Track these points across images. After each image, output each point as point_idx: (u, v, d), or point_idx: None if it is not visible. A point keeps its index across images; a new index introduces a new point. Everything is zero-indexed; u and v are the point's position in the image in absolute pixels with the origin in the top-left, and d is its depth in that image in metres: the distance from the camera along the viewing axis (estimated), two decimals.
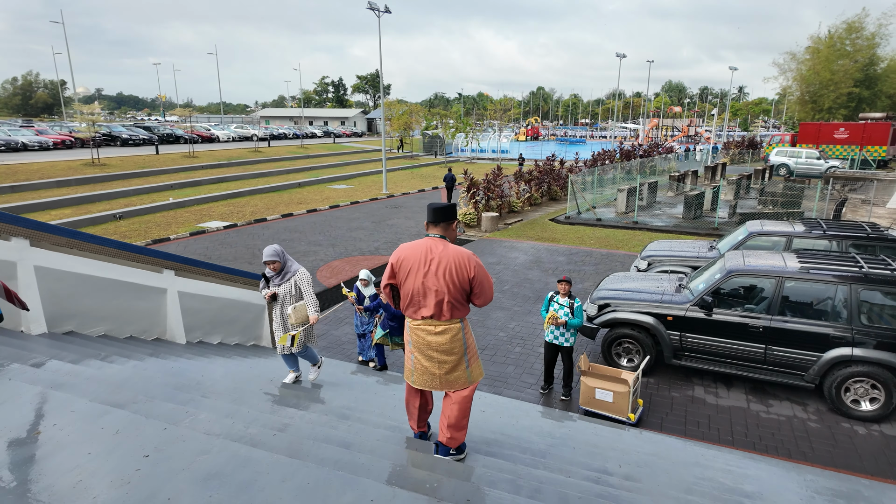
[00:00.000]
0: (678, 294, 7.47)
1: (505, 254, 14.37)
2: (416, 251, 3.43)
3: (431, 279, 3.36)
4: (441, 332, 3.44)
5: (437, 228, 3.48)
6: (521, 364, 8.02)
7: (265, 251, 5.16)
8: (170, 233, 16.05)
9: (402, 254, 3.49)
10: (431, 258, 3.37)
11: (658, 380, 7.48)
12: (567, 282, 6.63)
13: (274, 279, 5.27)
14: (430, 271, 3.36)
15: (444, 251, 3.39)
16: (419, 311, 3.46)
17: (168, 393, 3.68)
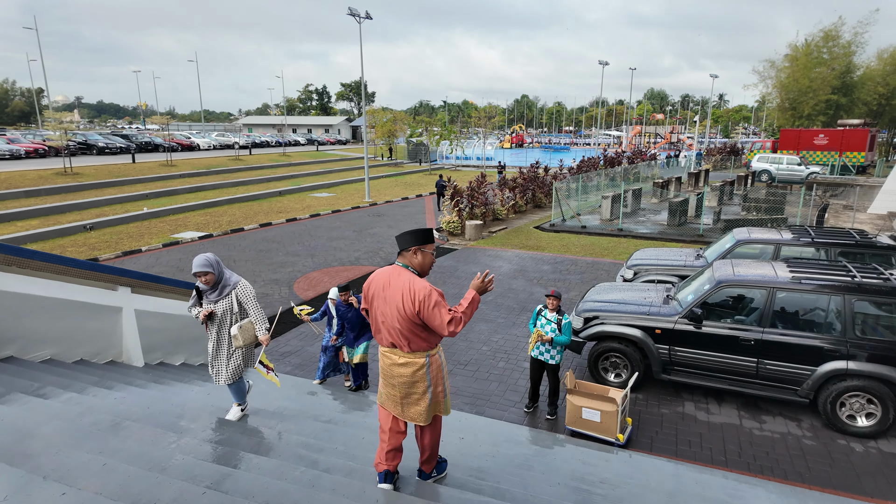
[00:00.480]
0: (666, 306, 7.19)
1: (489, 263, 14.04)
2: (381, 278, 3.47)
3: (386, 308, 3.38)
4: (403, 364, 3.41)
5: (401, 256, 3.48)
6: (505, 380, 7.66)
7: (195, 261, 4.37)
8: (142, 244, 15.46)
9: (371, 279, 3.55)
10: (388, 286, 3.39)
11: (647, 395, 7.17)
12: (556, 297, 6.30)
13: (208, 294, 4.52)
14: (385, 299, 3.39)
15: (397, 280, 3.37)
16: (382, 337, 3.50)
17: (89, 437, 3.22)
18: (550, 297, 6.34)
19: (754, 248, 9.16)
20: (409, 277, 3.33)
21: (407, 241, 3.41)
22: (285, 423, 4.77)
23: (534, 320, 6.57)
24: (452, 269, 13.40)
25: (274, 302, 10.96)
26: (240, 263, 13.75)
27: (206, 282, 4.45)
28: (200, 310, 4.52)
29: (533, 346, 6.43)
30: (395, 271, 3.42)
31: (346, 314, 6.79)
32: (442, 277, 12.70)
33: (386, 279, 3.42)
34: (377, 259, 14.40)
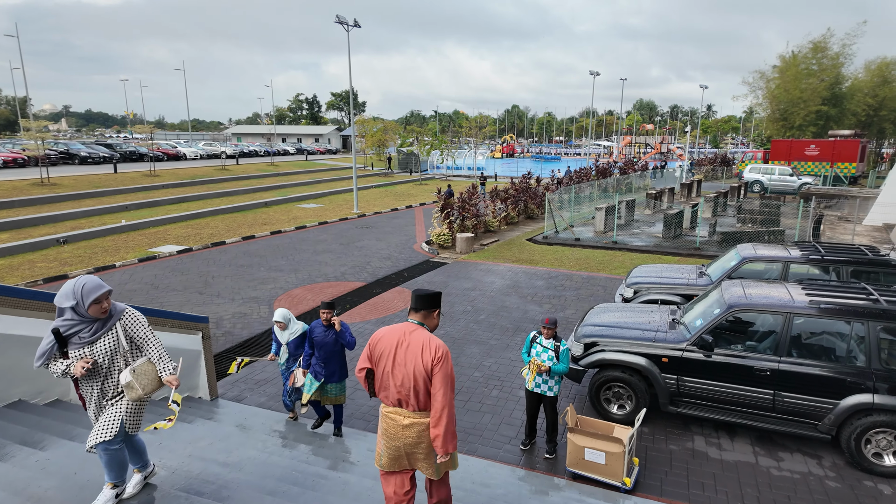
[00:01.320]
0: (673, 331, 6.64)
1: (481, 278, 13.47)
2: (393, 333, 3.44)
3: (399, 364, 3.35)
4: (409, 424, 3.39)
5: (418, 315, 3.49)
6: (499, 412, 7.06)
7: (86, 286, 3.30)
8: (117, 259, 14.73)
9: (379, 335, 3.50)
10: (403, 342, 3.37)
11: (653, 429, 6.60)
12: (552, 325, 5.74)
13: (81, 335, 3.31)
14: (399, 356, 3.35)
15: (414, 336, 3.38)
16: (389, 395, 3.43)
17: None
18: (546, 326, 5.78)
19: (761, 266, 8.69)
20: (426, 334, 3.40)
21: (430, 302, 3.47)
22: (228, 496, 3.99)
23: (527, 348, 6.00)
24: (442, 285, 12.81)
25: (252, 323, 10.31)
26: (218, 280, 13.07)
27: (103, 311, 3.37)
28: (69, 362, 3.29)
29: (532, 379, 5.83)
30: (410, 328, 3.43)
31: (325, 339, 5.79)
32: None
33: (399, 336, 3.40)
34: (364, 274, 13.78)
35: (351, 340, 5.83)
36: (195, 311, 10.83)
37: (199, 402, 6.77)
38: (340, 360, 5.97)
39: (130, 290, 12.19)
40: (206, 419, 5.75)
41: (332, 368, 5.87)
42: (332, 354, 5.86)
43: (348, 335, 5.83)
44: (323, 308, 5.79)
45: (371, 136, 45.57)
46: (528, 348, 5.98)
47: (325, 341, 5.80)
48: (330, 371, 5.86)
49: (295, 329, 6.26)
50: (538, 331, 6.00)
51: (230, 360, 6.88)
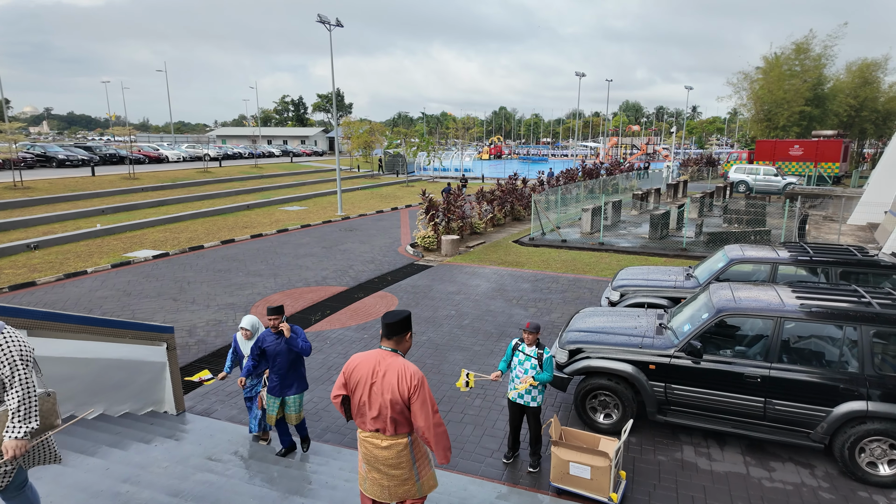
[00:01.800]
0: (660, 337, 6.40)
1: (466, 281, 13.19)
2: (367, 362, 3.45)
3: (376, 392, 3.37)
4: (387, 447, 3.43)
5: (391, 342, 3.48)
6: (482, 423, 6.77)
7: None
8: (89, 265, 14.23)
9: (353, 363, 3.51)
10: (378, 371, 3.39)
11: (640, 439, 6.35)
12: (534, 330, 5.45)
13: None
14: (376, 384, 3.37)
15: (390, 364, 3.39)
16: (366, 422, 3.47)
17: None
18: (528, 331, 5.48)
19: (749, 268, 8.50)
20: (402, 362, 3.40)
21: (399, 328, 3.44)
22: None
23: (508, 357, 5.70)
24: (427, 289, 12.51)
25: (227, 331, 9.92)
26: (194, 286, 12.65)
27: None
28: None
29: (522, 389, 5.49)
30: (383, 355, 3.44)
31: (278, 348, 5.27)
32: (415, 298, 11.80)
33: (373, 364, 3.42)
34: (346, 279, 13.44)
35: (305, 346, 5.29)
36: (168, 319, 10.43)
37: (163, 417, 6.40)
38: (298, 370, 5.46)
39: (101, 297, 11.73)
40: (166, 437, 5.39)
41: (289, 380, 5.36)
42: (288, 365, 5.34)
43: (300, 340, 5.29)
44: (269, 314, 5.28)
45: (357, 137, 45.14)
46: (510, 357, 5.69)
47: (278, 350, 5.31)
48: (287, 383, 5.35)
49: None
50: (520, 338, 5.72)
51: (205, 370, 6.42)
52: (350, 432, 6.54)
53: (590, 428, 6.50)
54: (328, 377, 8.03)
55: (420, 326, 10.10)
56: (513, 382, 5.61)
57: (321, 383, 7.83)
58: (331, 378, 8.00)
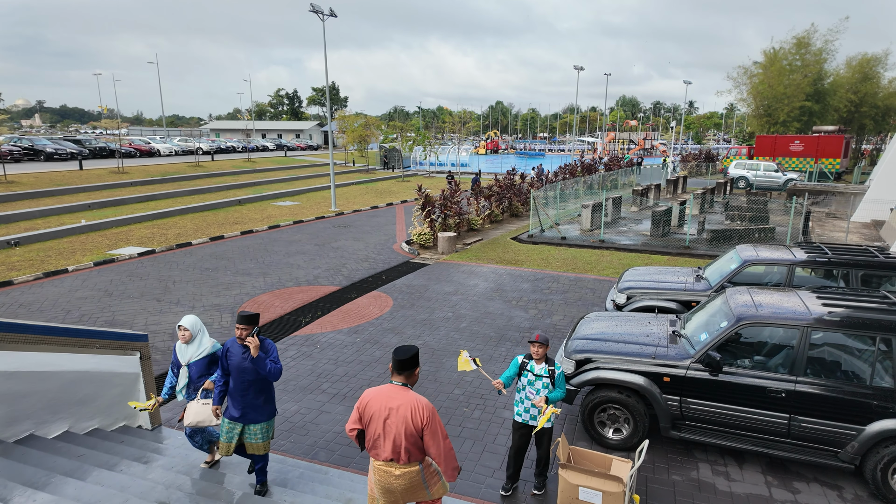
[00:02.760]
0: (674, 346, 5.94)
1: (463, 281, 12.71)
2: (380, 397, 3.67)
3: (391, 425, 3.60)
4: (400, 475, 3.67)
5: (401, 377, 3.71)
6: (481, 437, 6.30)
7: None
8: (71, 262, 13.66)
9: (366, 398, 3.73)
10: (392, 405, 3.61)
11: (652, 456, 5.90)
12: (542, 343, 4.92)
13: None
14: (390, 418, 3.60)
15: (403, 399, 3.62)
16: (381, 453, 3.67)
17: None
18: (536, 343, 4.96)
19: (761, 269, 8.06)
20: (413, 396, 3.65)
21: (410, 364, 3.69)
22: None
23: (513, 373, 5.03)
24: (422, 289, 12.02)
25: (213, 335, 9.40)
26: (179, 285, 12.11)
27: None
28: None
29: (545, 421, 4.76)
30: (396, 390, 3.67)
31: (244, 363, 4.43)
32: (411, 299, 11.32)
33: (386, 399, 3.64)
34: (339, 278, 12.93)
35: (274, 369, 4.42)
36: (150, 321, 9.90)
37: (136, 433, 5.89)
38: (267, 392, 4.60)
39: (80, 297, 11.19)
40: (134, 460, 4.89)
41: (255, 403, 4.50)
42: (251, 385, 4.49)
43: (269, 362, 4.41)
44: (239, 322, 4.43)
45: (352, 131, 44.50)
46: (514, 374, 5.03)
47: (244, 367, 4.46)
48: (253, 406, 4.50)
49: (203, 347, 4.89)
50: (526, 354, 5.11)
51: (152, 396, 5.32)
52: (339, 448, 6.06)
53: (598, 443, 6.04)
54: (317, 386, 7.54)
55: (416, 330, 9.62)
56: (521, 404, 5.04)
57: (309, 392, 7.35)
58: (320, 387, 7.51)
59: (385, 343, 9.01)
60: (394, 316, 10.32)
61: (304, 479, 4.97)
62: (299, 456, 5.88)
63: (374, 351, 8.70)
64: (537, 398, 4.87)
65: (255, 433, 4.59)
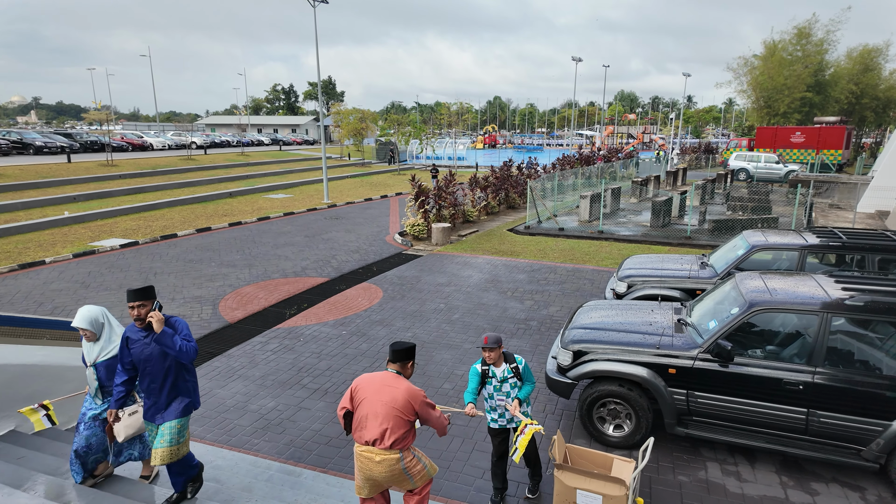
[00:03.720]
0: (680, 335, 5.46)
1: (457, 272, 12.23)
2: (374, 381, 3.72)
3: (380, 404, 3.61)
4: (379, 461, 3.61)
5: (396, 365, 3.79)
6: (471, 434, 5.83)
7: None
8: (50, 254, 13.14)
9: (360, 381, 3.77)
10: (385, 388, 3.66)
11: (656, 454, 5.43)
12: (494, 345, 4.30)
13: None
14: (380, 400, 3.62)
15: (397, 384, 3.68)
16: (364, 434, 3.64)
17: None
18: (485, 349, 4.31)
19: (768, 256, 7.59)
20: (407, 383, 3.70)
21: (405, 355, 3.79)
22: None
23: (475, 386, 4.42)
24: (414, 280, 11.54)
25: (191, 326, 8.91)
26: (161, 277, 11.61)
27: None
28: None
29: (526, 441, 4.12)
30: (390, 376, 3.73)
31: (144, 350, 3.73)
32: (401, 290, 10.83)
33: (380, 383, 3.69)
34: (327, 269, 12.44)
35: (185, 347, 3.70)
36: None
37: None
38: (179, 383, 3.86)
39: (55, 290, 10.68)
40: None
41: (165, 398, 3.80)
42: (163, 375, 3.77)
43: (177, 339, 3.68)
44: (131, 300, 3.66)
45: (347, 125, 43.92)
46: (478, 386, 4.44)
47: (148, 354, 3.72)
48: (162, 402, 3.80)
49: (113, 344, 4.07)
50: (480, 361, 4.48)
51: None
52: (317, 447, 5.59)
53: (597, 441, 5.58)
54: (297, 380, 7.06)
55: (405, 321, 9.15)
56: (494, 411, 4.51)
57: (288, 387, 6.87)
58: (300, 381, 7.03)
59: (372, 336, 8.53)
60: (383, 308, 9.84)
61: (272, 483, 4.49)
62: (272, 456, 5.41)
63: (361, 344, 8.22)
64: (510, 403, 4.36)
65: (166, 433, 3.80)
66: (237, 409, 6.39)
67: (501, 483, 4.70)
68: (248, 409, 6.36)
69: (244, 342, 8.31)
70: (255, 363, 7.58)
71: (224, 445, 5.60)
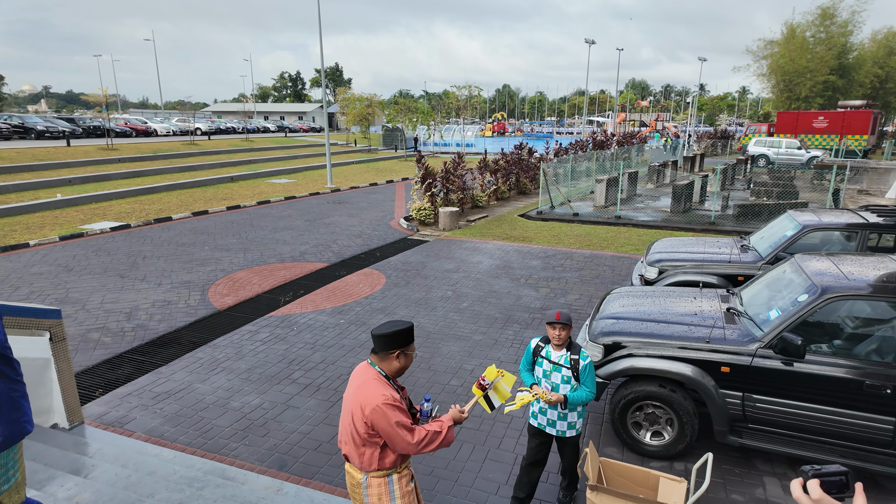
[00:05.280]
0: (733, 327, 4.61)
1: (465, 257, 11.40)
2: (354, 378, 2.80)
3: (345, 413, 2.78)
4: (356, 484, 2.79)
5: (375, 357, 2.76)
6: (483, 440, 5.03)
7: None
8: (37, 236, 12.45)
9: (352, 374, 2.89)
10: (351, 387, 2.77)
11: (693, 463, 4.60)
12: (564, 323, 3.61)
13: None
14: (348, 401, 2.76)
15: (360, 384, 2.70)
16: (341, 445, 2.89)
17: None
18: (555, 324, 3.63)
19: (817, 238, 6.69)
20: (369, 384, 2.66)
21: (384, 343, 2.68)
22: None
23: (528, 363, 3.87)
24: (420, 266, 10.72)
25: (175, 313, 8.17)
26: (149, 261, 10.87)
27: None
28: None
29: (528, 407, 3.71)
30: (360, 370, 2.80)
31: None
32: (406, 276, 10.03)
33: (355, 379, 2.78)
34: (327, 254, 11.65)
35: None
36: (107, 299, 8.68)
37: (50, 434, 4.67)
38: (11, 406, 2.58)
39: (35, 273, 9.98)
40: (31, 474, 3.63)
41: None
42: None
43: None
44: None
45: (352, 108, 43.00)
46: (530, 364, 3.86)
47: None
48: None
49: None
50: (542, 337, 3.86)
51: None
52: (305, 453, 4.82)
53: (631, 450, 4.76)
54: (287, 374, 6.29)
55: (409, 310, 8.34)
56: (538, 402, 3.79)
57: (276, 382, 6.10)
58: (290, 376, 6.26)
59: (373, 325, 7.73)
60: (385, 295, 9.04)
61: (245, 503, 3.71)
62: (251, 464, 4.65)
63: (359, 334, 7.43)
64: (549, 392, 3.59)
65: None
66: (217, 406, 5.62)
67: (526, 494, 3.92)
68: (230, 408, 5.59)
69: (232, 331, 7.54)
70: (241, 354, 6.82)
71: (197, 451, 4.84)
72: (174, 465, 4.26)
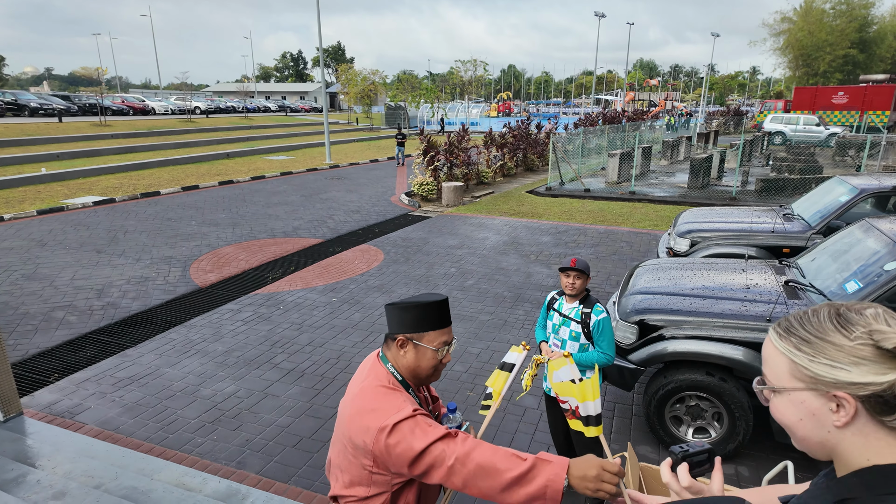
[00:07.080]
0: (797, 302, 3.79)
1: (471, 233, 10.59)
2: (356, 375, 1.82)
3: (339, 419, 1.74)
4: None
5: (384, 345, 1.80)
6: (492, 435, 4.27)
7: None
8: (14, 210, 11.71)
9: None
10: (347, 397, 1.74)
11: (754, 469, 3.84)
12: (579, 271, 3.05)
13: None
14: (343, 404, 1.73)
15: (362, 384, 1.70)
16: None
17: None
18: (569, 271, 3.07)
19: (867, 206, 5.85)
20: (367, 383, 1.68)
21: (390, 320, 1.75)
22: None
23: (543, 317, 3.37)
24: (421, 242, 9.93)
25: (152, 291, 7.43)
26: (130, 236, 10.12)
27: None
28: None
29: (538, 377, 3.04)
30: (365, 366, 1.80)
31: None
32: (406, 253, 9.24)
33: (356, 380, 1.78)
34: (322, 230, 10.86)
35: None
36: (79, 275, 7.94)
37: None
38: None
39: (6, 248, 9.24)
40: None
41: None
42: None
43: None
44: None
45: (354, 84, 41.88)
46: (545, 319, 3.37)
47: None
48: None
49: None
50: (559, 290, 3.31)
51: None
52: (281, 450, 4.08)
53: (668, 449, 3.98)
54: (268, 358, 5.54)
55: (409, 288, 7.57)
56: None
57: (255, 367, 5.35)
58: (272, 360, 5.51)
59: (368, 304, 6.97)
60: (383, 272, 8.26)
61: None
62: (217, 464, 3.91)
63: (353, 313, 6.67)
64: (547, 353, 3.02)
65: None
66: (185, 395, 4.88)
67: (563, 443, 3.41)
68: (200, 396, 4.86)
69: (212, 310, 6.79)
70: (219, 335, 6.07)
71: (154, 448, 4.10)
72: (118, 467, 3.52)
